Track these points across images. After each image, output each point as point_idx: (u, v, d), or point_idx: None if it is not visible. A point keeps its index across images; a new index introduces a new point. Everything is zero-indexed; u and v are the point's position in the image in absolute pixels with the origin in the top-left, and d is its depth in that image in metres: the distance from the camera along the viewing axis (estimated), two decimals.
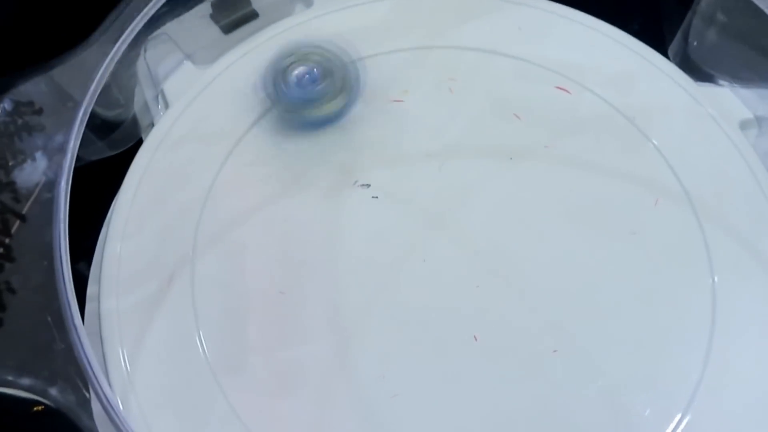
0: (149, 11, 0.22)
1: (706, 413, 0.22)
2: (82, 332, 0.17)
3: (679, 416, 0.22)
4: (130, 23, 0.21)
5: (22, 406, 0.22)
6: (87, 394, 0.19)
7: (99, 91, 0.19)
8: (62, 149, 0.18)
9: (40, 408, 0.22)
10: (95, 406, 0.21)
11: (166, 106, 0.27)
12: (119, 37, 0.20)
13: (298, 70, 0.26)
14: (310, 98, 0.26)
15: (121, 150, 0.27)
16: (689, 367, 0.23)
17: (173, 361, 0.23)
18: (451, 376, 0.23)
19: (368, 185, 0.26)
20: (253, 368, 0.23)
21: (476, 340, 0.24)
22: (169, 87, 0.27)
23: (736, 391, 0.22)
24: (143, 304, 0.23)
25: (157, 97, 0.28)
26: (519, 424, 0.23)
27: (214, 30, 0.28)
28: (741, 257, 0.24)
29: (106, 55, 0.20)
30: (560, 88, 0.28)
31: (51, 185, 0.21)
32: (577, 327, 0.24)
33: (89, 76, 0.19)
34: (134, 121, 0.27)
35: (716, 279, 0.24)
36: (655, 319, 0.24)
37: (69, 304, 0.17)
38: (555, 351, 0.24)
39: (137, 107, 0.27)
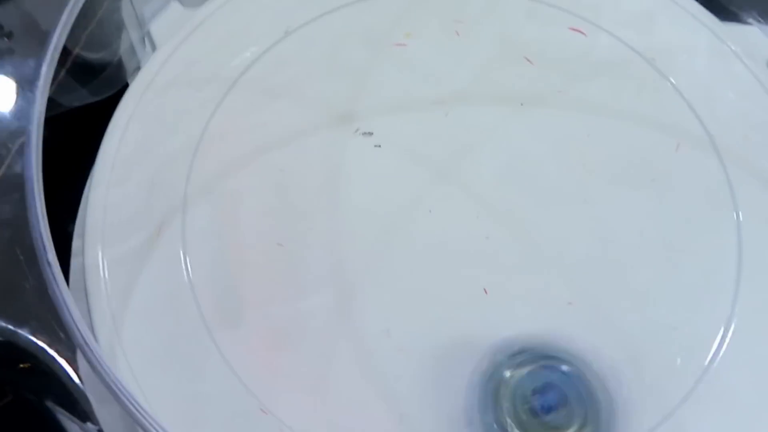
0: None
1: (734, 361, 0.21)
2: (56, 269, 0.16)
3: (705, 366, 0.21)
4: None
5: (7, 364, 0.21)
6: (62, 334, 0.18)
7: (73, 19, 0.18)
8: (34, 77, 0.17)
9: (26, 365, 0.20)
10: (81, 361, 0.19)
11: (153, 48, 0.25)
12: None
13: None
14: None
15: (105, 96, 0.25)
16: (715, 315, 0.22)
17: (164, 315, 0.21)
18: (460, 331, 0.22)
19: (371, 133, 0.25)
20: (250, 323, 0.22)
21: (486, 293, 0.23)
22: (157, 28, 0.26)
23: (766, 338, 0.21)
24: (131, 256, 0.22)
25: (144, 39, 0.26)
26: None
27: None
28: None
29: None
30: (574, 30, 0.26)
31: (22, 114, 0.19)
32: (594, 279, 0.23)
33: (62, 3, 0.18)
34: (119, 65, 0.25)
35: (742, 222, 0.23)
36: (677, 269, 0.23)
37: (42, 238, 0.16)
38: (570, 303, 0.22)
39: (123, 50, 0.25)
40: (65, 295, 0.15)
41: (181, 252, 0.22)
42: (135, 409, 0.16)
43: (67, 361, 0.18)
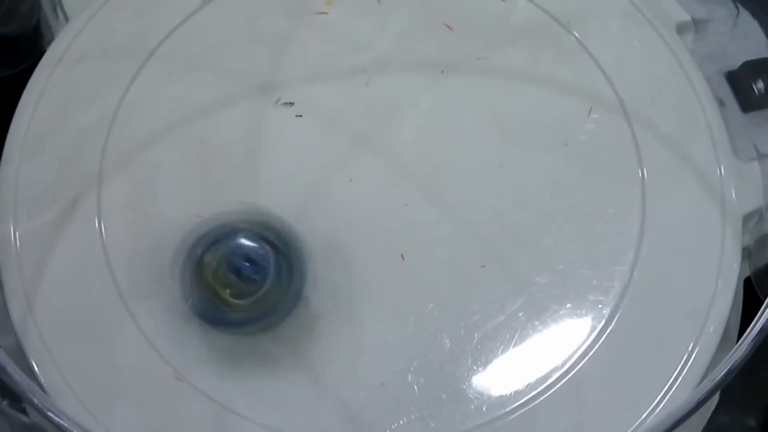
0: None
1: (635, 315, 0.22)
2: None
3: (606, 315, 0.22)
4: None
5: None
6: None
7: None
8: None
9: None
10: None
11: (66, 19, 0.25)
12: None
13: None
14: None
15: (20, 68, 0.25)
16: (617, 273, 0.22)
17: (79, 288, 0.22)
18: (375, 295, 0.23)
19: (292, 103, 0.25)
20: (166, 294, 0.22)
21: (403, 258, 0.23)
22: None
23: (663, 293, 0.22)
24: (45, 230, 0.22)
25: (56, 8, 0.25)
26: (445, 343, 0.22)
27: None
28: (671, 161, 0.24)
29: None
30: None
31: None
32: (507, 241, 0.23)
33: None
34: (33, 37, 0.25)
35: (646, 183, 0.23)
36: (583, 229, 0.23)
37: None
38: (483, 266, 0.23)
39: (36, 21, 0.25)
40: None
41: (96, 225, 0.22)
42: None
43: None
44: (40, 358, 0.20)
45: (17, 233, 0.22)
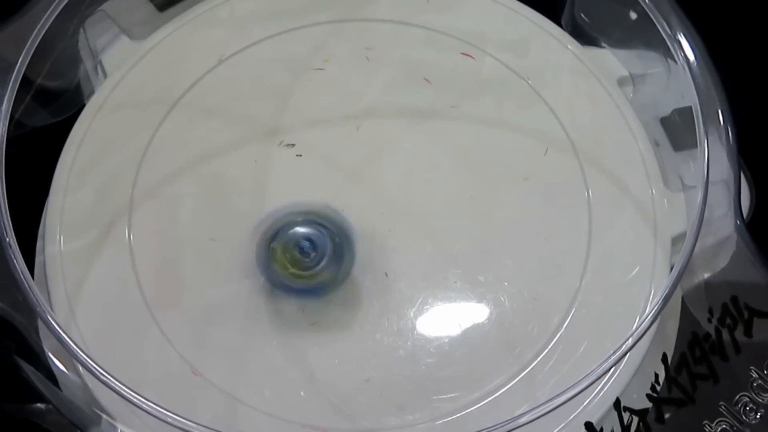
0: None
1: (581, 321, 0.26)
2: (17, 252, 0.19)
3: (557, 321, 0.26)
4: None
5: None
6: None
7: (33, 51, 0.22)
8: None
9: None
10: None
11: (105, 76, 0.30)
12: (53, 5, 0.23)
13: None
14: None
15: (64, 116, 0.29)
16: (567, 288, 0.26)
17: (112, 297, 0.25)
18: (363, 306, 0.26)
19: (293, 145, 0.29)
20: (185, 303, 0.26)
21: (387, 276, 0.27)
22: (107, 59, 0.30)
23: (605, 300, 0.26)
24: (85, 250, 0.26)
25: (96, 67, 0.30)
26: (422, 346, 0.26)
27: (149, 7, 0.31)
28: (613, 192, 0.28)
29: (40, 21, 0.22)
30: (465, 54, 0.31)
31: None
32: (476, 261, 0.27)
33: (25, 41, 0.22)
34: (76, 90, 0.29)
35: (592, 210, 0.27)
36: (540, 251, 0.27)
37: (5, 227, 0.20)
38: (455, 282, 0.27)
39: (79, 78, 0.30)
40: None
41: (128, 245, 0.26)
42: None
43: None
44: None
45: (63, 252, 0.26)
